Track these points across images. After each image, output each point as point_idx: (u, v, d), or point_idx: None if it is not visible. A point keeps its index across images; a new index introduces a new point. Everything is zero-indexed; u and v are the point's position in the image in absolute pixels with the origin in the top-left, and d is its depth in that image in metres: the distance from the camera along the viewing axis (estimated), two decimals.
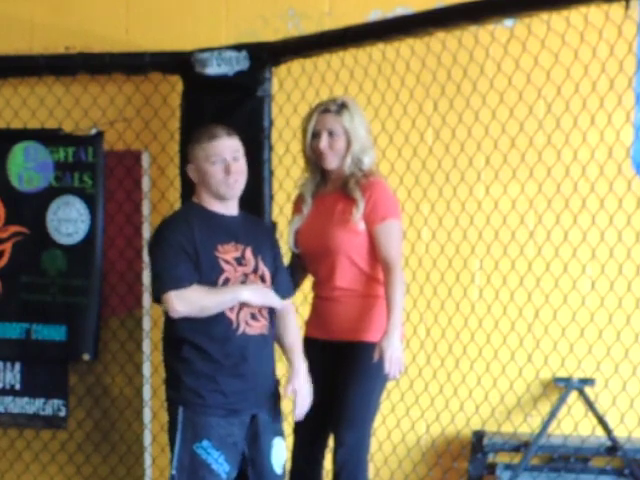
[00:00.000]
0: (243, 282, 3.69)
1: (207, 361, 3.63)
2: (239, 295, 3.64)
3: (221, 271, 3.66)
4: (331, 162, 3.94)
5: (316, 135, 3.94)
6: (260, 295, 3.68)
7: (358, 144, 3.92)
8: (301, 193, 4.07)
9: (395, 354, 3.72)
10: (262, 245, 3.79)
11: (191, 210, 3.77)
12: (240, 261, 3.70)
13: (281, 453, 3.77)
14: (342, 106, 3.93)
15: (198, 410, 3.62)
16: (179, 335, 3.66)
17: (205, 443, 3.60)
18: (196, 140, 3.73)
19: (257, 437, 3.70)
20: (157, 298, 3.68)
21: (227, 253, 3.69)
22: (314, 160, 3.98)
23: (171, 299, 3.61)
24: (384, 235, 3.86)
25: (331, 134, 3.92)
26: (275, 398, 3.78)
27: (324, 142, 3.92)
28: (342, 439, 3.84)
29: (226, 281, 3.66)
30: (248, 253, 3.73)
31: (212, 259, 3.66)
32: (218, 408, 3.63)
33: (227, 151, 3.70)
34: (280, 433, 3.78)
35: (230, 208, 3.77)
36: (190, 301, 3.60)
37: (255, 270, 3.73)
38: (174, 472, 3.62)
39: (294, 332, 3.85)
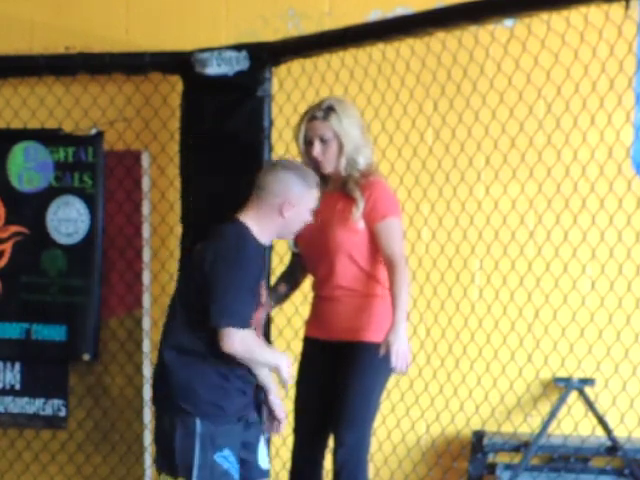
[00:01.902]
0: (263, 320, 3.80)
1: (220, 374, 3.61)
2: (278, 362, 3.64)
3: (258, 306, 3.68)
4: (326, 167, 3.96)
5: (308, 142, 3.95)
6: (289, 369, 3.68)
7: (350, 145, 3.92)
8: None
9: (402, 348, 3.71)
10: None
11: (255, 242, 3.66)
12: (263, 299, 3.76)
13: (265, 449, 3.81)
14: (329, 110, 3.93)
15: (217, 420, 3.60)
16: (202, 351, 3.61)
17: (226, 452, 3.60)
18: (307, 183, 3.70)
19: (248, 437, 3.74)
20: (217, 325, 3.56)
21: (262, 288, 3.73)
22: (311, 166, 3.99)
23: (234, 336, 3.53)
24: (385, 233, 3.87)
25: (322, 140, 3.93)
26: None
27: (317, 149, 3.93)
28: (342, 439, 3.85)
29: (254, 317, 3.67)
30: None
31: (257, 295, 3.67)
32: (232, 416, 3.64)
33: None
34: (262, 432, 3.82)
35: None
36: (248, 347, 3.57)
37: (265, 305, 3.81)
38: None
39: None
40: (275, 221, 3.67)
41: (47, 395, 5.11)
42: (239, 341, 3.53)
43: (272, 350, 3.71)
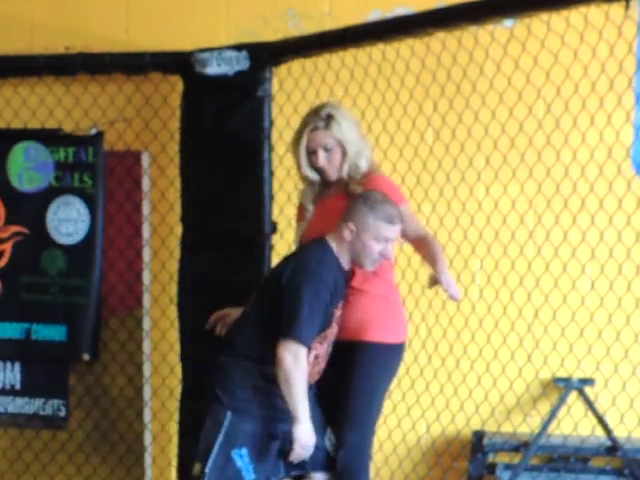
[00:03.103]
0: (334, 339, 3.84)
1: (266, 379, 3.75)
2: (303, 416, 3.69)
3: (329, 326, 3.79)
4: (332, 175, 3.97)
5: (312, 153, 3.95)
6: (306, 444, 3.72)
7: (353, 149, 3.94)
8: (301, 203, 4.09)
9: (451, 280, 3.72)
10: None
11: (335, 264, 3.79)
12: (337, 320, 3.83)
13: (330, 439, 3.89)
14: (329, 118, 3.94)
15: (246, 419, 3.74)
16: (257, 355, 3.76)
17: (244, 451, 3.73)
18: (374, 213, 3.75)
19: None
20: (284, 334, 3.68)
21: (339, 310, 3.82)
22: (311, 176, 3.99)
23: (290, 348, 3.66)
24: (405, 217, 3.89)
25: (326, 149, 3.94)
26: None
27: (322, 159, 3.94)
28: (344, 439, 3.85)
29: (325, 336, 3.79)
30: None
31: (330, 315, 3.77)
32: (261, 420, 3.76)
33: (394, 236, 3.80)
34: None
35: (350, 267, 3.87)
36: (294, 366, 3.66)
37: (339, 324, 3.86)
38: (207, 471, 3.72)
39: None
40: (342, 244, 3.78)
41: (47, 395, 5.11)
42: (292, 354, 3.66)
43: (305, 402, 3.70)
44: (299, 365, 3.66)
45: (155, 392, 5.16)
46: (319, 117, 3.96)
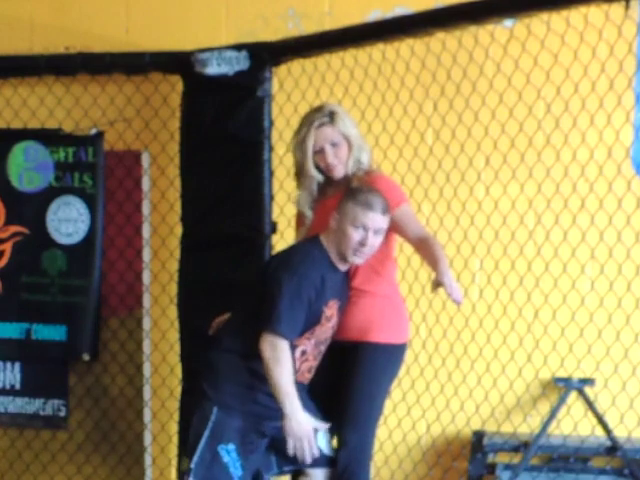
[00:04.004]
0: (327, 338, 3.83)
1: (252, 374, 3.74)
2: (290, 409, 3.65)
3: (317, 322, 3.77)
4: (339, 171, 3.95)
5: (318, 151, 3.94)
6: (300, 437, 3.68)
7: (356, 144, 3.94)
8: (299, 210, 4.08)
9: (453, 282, 3.65)
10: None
11: (324, 260, 3.78)
12: (330, 319, 3.81)
13: (325, 437, 3.87)
14: (332, 114, 3.94)
15: (233, 414, 3.73)
16: (244, 350, 3.76)
17: (231, 446, 3.72)
18: (354, 199, 3.75)
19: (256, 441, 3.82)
20: (264, 327, 3.68)
21: (330, 309, 3.80)
22: (317, 177, 3.98)
23: (269, 339, 3.65)
24: (405, 218, 3.88)
25: (333, 144, 3.93)
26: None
27: (331, 155, 3.92)
28: (345, 439, 3.85)
29: (313, 332, 3.77)
30: (337, 309, 3.84)
31: (318, 312, 3.76)
32: (248, 415, 3.75)
33: (373, 225, 3.75)
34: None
35: (346, 266, 3.85)
36: (273, 357, 3.64)
37: (334, 325, 3.85)
38: (192, 466, 3.73)
39: None
40: (330, 238, 3.78)
41: (47, 395, 5.11)
42: (272, 347, 3.64)
43: (292, 394, 3.66)
44: (280, 358, 3.64)
45: (155, 392, 5.16)
46: (322, 114, 3.95)
